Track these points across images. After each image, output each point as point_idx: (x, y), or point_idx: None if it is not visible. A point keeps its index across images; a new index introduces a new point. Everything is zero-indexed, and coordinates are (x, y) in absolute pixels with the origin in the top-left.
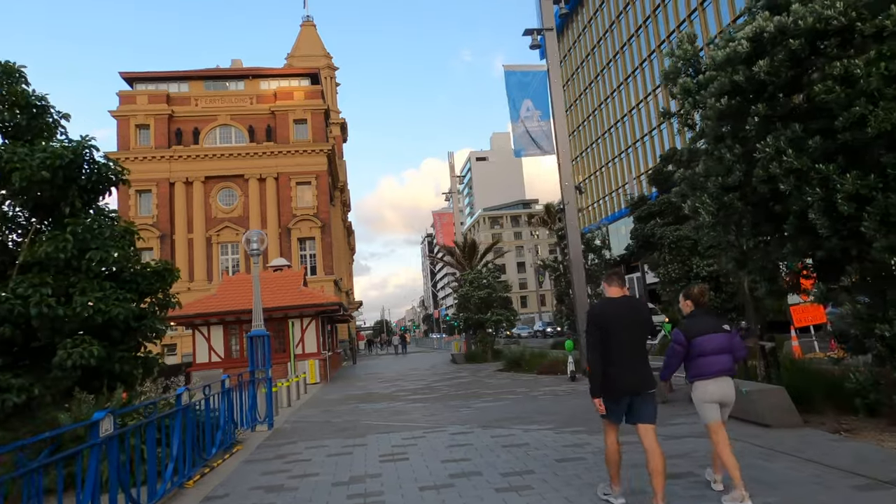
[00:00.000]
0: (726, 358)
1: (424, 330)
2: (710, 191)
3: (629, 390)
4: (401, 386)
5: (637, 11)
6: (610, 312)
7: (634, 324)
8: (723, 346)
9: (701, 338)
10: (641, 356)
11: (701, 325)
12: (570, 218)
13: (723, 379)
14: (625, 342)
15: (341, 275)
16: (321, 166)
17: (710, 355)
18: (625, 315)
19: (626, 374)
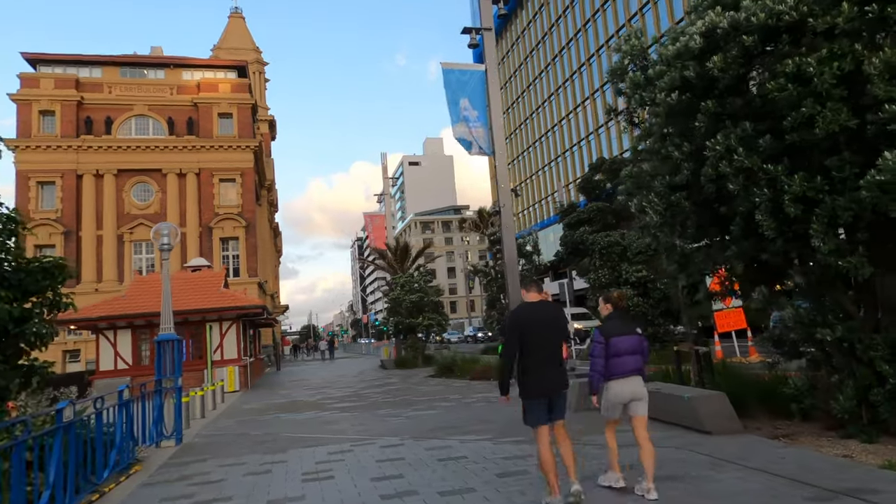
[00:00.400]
0: (638, 358)
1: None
2: (658, 189)
3: (548, 392)
4: (327, 394)
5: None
6: (528, 317)
7: (551, 328)
8: (635, 347)
9: (616, 338)
10: (557, 359)
11: (617, 327)
12: (506, 221)
13: (634, 378)
14: (542, 346)
15: (266, 277)
16: (247, 163)
17: (624, 355)
18: (542, 320)
19: (544, 377)
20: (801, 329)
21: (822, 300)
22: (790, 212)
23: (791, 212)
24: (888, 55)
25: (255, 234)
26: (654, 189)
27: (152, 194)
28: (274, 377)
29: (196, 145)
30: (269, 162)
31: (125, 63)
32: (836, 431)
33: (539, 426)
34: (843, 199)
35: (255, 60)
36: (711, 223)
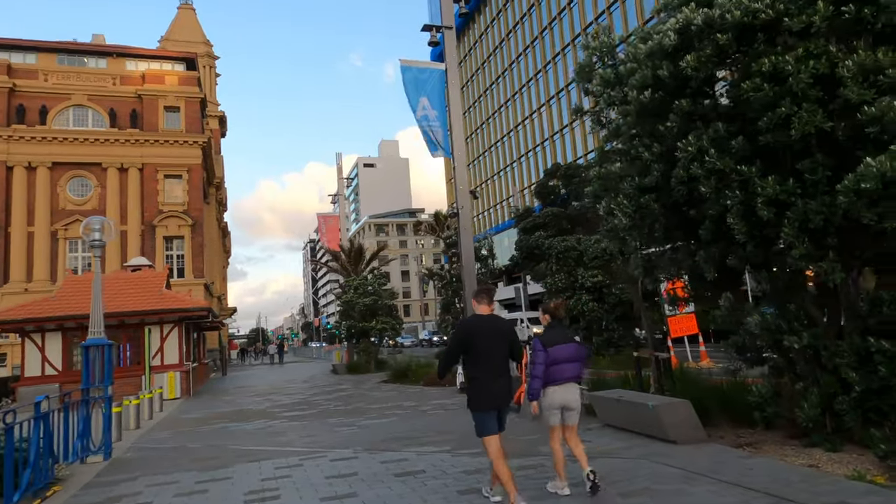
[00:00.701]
0: (575, 366)
1: (304, 338)
2: (627, 191)
3: (497, 403)
4: (275, 401)
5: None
6: (478, 329)
7: (499, 341)
8: (573, 355)
9: (555, 347)
10: (504, 371)
11: (556, 336)
12: (464, 223)
13: (570, 385)
14: (490, 358)
15: (213, 278)
16: (195, 159)
17: (562, 363)
18: (491, 332)
19: (493, 389)
20: (767, 336)
21: (787, 307)
22: (763, 215)
23: (764, 215)
24: (862, 58)
25: (202, 233)
26: (623, 191)
27: (91, 189)
28: (219, 383)
29: (140, 139)
30: (219, 159)
31: (63, 50)
32: (799, 440)
33: (490, 436)
34: (815, 203)
35: (205, 54)
36: (679, 227)
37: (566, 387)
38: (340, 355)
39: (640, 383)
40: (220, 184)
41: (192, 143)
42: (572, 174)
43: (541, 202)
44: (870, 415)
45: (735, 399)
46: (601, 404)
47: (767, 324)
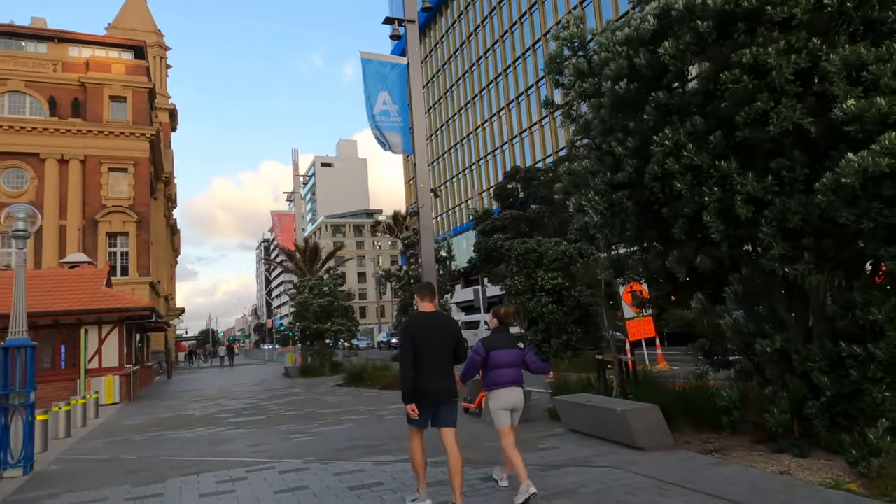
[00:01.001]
0: (517, 371)
1: (256, 340)
2: (598, 187)
3: (436, 399)
4: (222, 406)
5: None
6: (421, 326)
7: (442, 338)
8: (514, 360)
9: (496, 351)
10: (447, 368)
11: (499, 341)
12: (425, 223)
13: (513, 389)
14: (433, 355)
15: (161, 277)
16: (142, 152)
17: (503, 367)
18: (434, 329)
19: (433, 385)
20: (738, 339)
21: (757, 310)
22: (742, 213)
23: (743, 213)
24: (846, 53)
25: (149, 229)
26: (595, 187)
27: (27, 181)
28: (163, 387)
29: (82, 129)
30: (168, 153)
31: None
32: (766, 445)
33: (417, 428)
34: (793, 202)
35: (155, 44)
36: (650, 226)
37: (511, 390)
38: (293, 358)
39: (605, 387)
40: (169, 179)
41: (139, 135)
42: (531, 177)
43: (500, 205)
44: (838, 419)
45: (699, 403)
46: (566, 409)
47: (740, 327)
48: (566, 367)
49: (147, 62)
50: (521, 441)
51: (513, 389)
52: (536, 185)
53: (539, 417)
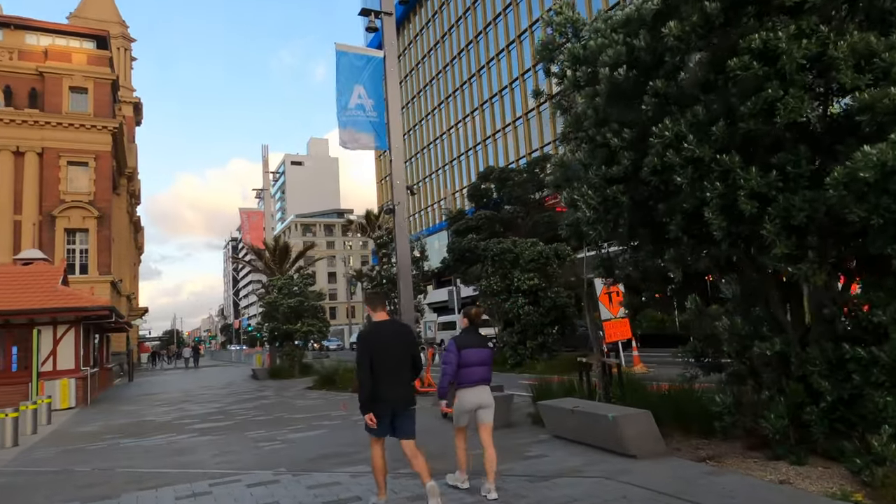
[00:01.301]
0: (486, 369)
1: (223, 341)
2: (592, 181)
3: (392, 406)
4: (186, 410)
5: (469, 24)
6: (377, 335)
7: (398, 347)
8: (484, 359)
9: (467, 350)
10: (404, 376)
11: (469, 340)
12: (400, 221)
13: (481, 387)
14: (389, 364)
15: (123, 276)
16: (103, 146)
17: (473, 366)
18: (390, 338)
19: (390, 393)
20: (735, 342)
21: (754, 311)
22: (745, 209)
23: (747, 209)
24: (855, 40)
25: (110, 226)
26: (589, 181)
27: None
28: (124, 390)
29: (39, 121)
30: (132, 148)
31: None
32: (760, 451)
33: (377, 437)
34: (798, 199)
35: (119, 35)
36: (644, 223)
37: (477, 389)
38: (261, 359)
39: (589, 391)
40: (132, 174)
41: (100, 127)
42: (506, 178)
43: (473, 205)
44: (836, 425)
45: (686, 407)
46: (551, 415)
47: (737, 329)
48: (543, 370)
49: (110, 52)
50: (505, 448)
51: (481, 388)
52: (511, 185)
53: (521, 422)
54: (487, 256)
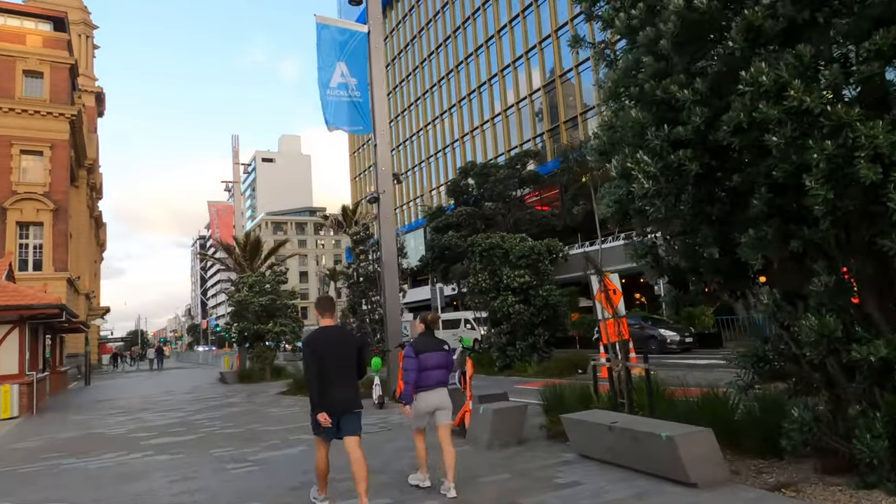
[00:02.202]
0: (443, 372)
1: (189, 342)
2: (652, 145)
3: (339, 410)
4: (144, 421)
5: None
6: (322, 341)
7: (342, 352)
8: (440, 362)
9: (425, 354)
10: (350, 379)
11: (426, 344)
12: (385, 210)
13: (439, 390)
14: (334, 368)
15: (82, 273)
16: (60, 134)
17: (431, 370)
18: (334, 344)
19: (335, 396)
20: (824, 345)
21: (846, 309)
22: (866, 175)
23: (868, 175)
24: None
25: (67, 220)
26: (648, 145)
27: None
28: (78, 395)
29: None
30: (92, 138)
31: None
32: (840, 477)
33: (321, 437)
34: None
35: (81, 21)
36: (708, 199)
37: (435, 391)
38: (230, 361)
39: (615, 400)
40: (93, 166)
41: (57, 115)
42: (487, 173)
43: (454, 201)
44: None
45: (728, 419)
46: (579, 430)
47: (829, 329)
48: (535, 372)
49: (68, 35)
50: (527, 474)
51: (439, 391)
52: (493, 181)
53: (534, 437)
54: (475, 252)
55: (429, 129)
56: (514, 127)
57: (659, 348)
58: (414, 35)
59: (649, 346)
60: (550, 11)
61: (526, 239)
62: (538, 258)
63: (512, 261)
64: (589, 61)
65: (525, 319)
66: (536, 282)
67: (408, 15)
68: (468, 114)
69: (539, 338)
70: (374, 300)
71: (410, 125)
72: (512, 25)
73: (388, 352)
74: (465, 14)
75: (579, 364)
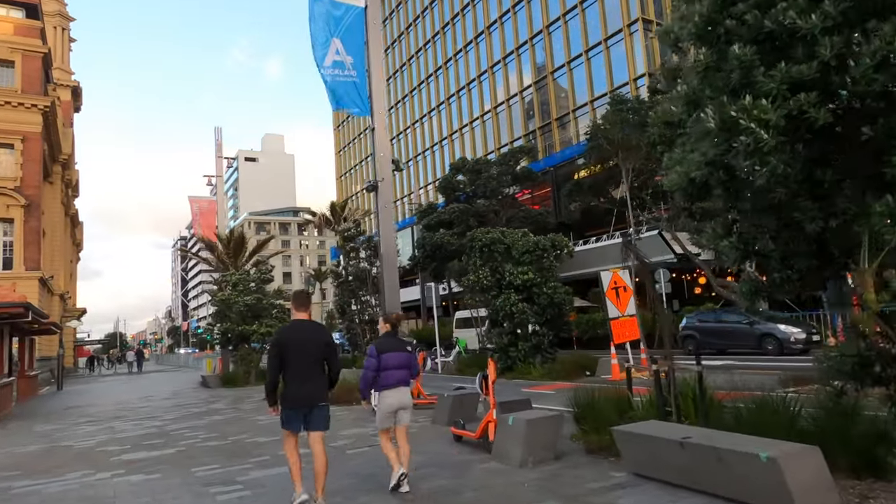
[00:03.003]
0: (404, 372)
1: (170, 344)
2: (766, 88)
3: (306, 403)
4: (116, 431)
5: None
6: (290, 335)
7: (310, 346)
8: (402, 362)
9: (387, 354)
10: (317, 373)
11: (389, 344)
12: (384, 200)
13: (401, 389)
14: (302, 362)
15: (57, 273)
16: (32, 126)
17: (392, 369)
18: (303, 338)
19: (301, 390)
20: None
21: None
22: None
23: None
24: None
25: (40, 216)
26: (761, 87)
27: None
28: (48, 401)
29: None
30: (68, 133)
31: None
32: None
33: (290, 431)
34: None
35: (56, 12)
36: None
37: (398, 390)
38: (213, 364)
39: (678, 412)
40: (68, 162)
41: (29, 105)
42: (479, 169)
43: (445, 198)
44: None
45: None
46: (636, 445)
47: None
48: (541, 374)
49: (42, 23)
50: (579, 499)
51: (400, 389)
52: (485, 178)
53: (570, 451)
54: (475, 248)
55: (416, 127)
56: (505, 124)
57: (778, 349)
58: (402, 31)
59: (764, 346)
60: (542, 6)
61: (527, 234)
62: (543, 253)
63: (515, 257)
64: (581, 57)
65: (528, 319)
66: (540, 279)
67: (395, 11)
68: (457, 111)
69: (543, 338)
70: (363, 300)
71: (398, 123)
72: (503, 21)
73: None
74: (454, 10)
75: (586, 366)
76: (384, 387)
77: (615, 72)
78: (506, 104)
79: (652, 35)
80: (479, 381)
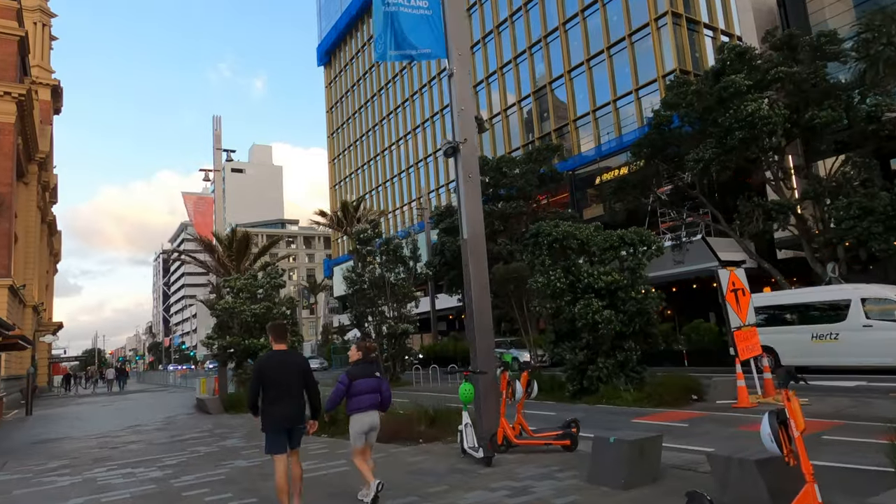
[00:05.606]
0: (374, 396)
1: (150, 361)
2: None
3: (287, 424)
4: (99, 484)
5: None
6: (268, 364)
7: (287, 373)
8: (373, 387)
9: (358, 380)
10: (296, 397)
11: (361, 371)
12: (467, 166)
13: (372, 412)
14: (281, 387)
15: (29, 282)
16: (5, 116)
17: (364, 394)
18: (280, 366)
19: (281, 413)
20: None
21: None
22: None
23: None
24: None
25: (12, 218)
26: None
27: None
28: (11, 432)
29: None
30: (46, 131)
31: None
32: None
33: (277, 454)
34: None
35: (37, 7)
36: None
37: (369, 413)
38: (206, 385)
39: None
40: (45, 162)
41: (1, 93)
42: (502, 168)
43: None
44: None
45: None
46: None
47: None
48: (634, 400)
49: (18, 4)
50: None
51: (371, 413)
52: (511, 177)
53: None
54: (541, 244)
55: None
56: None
57: None
58: None
59: None
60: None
61: (601, 227)
62: (631, 251)
63: (596, 253)
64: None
65: (614, 330)
66: (627, 281)
67: None
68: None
69: (631, 353)
70: (381, 310)
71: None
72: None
73: (481, 374)
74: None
75: (692, 388)
76: (357, 410)
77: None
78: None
79: None
80: (774, 429)
